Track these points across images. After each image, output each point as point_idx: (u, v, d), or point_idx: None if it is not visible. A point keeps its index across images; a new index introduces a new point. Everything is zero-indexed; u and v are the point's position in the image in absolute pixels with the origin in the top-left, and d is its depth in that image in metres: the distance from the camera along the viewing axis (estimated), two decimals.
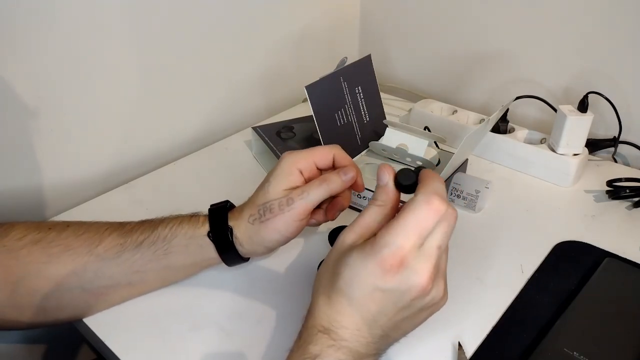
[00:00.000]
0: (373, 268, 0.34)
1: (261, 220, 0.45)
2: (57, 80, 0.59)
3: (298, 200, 0.44)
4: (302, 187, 0.45)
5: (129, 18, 0.63)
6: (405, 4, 0.89)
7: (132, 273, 0.46)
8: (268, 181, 0.46)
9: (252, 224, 0.45)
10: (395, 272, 0.34)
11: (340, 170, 0.46)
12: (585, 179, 0.68)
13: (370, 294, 0.35)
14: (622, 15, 0.67)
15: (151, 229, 0.46)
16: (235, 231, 0.46)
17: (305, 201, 0.45)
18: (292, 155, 0.47)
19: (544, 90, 0.77)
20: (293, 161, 0.46)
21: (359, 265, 0.35)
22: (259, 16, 0.79)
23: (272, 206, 0.45)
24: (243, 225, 0.46)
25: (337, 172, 0.46)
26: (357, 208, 0.61)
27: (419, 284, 0.34)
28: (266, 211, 0.45)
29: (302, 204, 0.44)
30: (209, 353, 0.44)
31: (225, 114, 0.82)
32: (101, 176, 0.69)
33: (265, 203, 0.45)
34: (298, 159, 0.47)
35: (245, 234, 0.46)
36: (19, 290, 0.44)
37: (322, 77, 0.61)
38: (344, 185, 0.46)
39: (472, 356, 0.44)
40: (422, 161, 0.61)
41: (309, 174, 0.47)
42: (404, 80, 0.96)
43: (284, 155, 0.47)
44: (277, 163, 0.47)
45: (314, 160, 0.47)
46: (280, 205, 0.45)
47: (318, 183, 0.45)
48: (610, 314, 0.46)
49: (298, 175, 0.46)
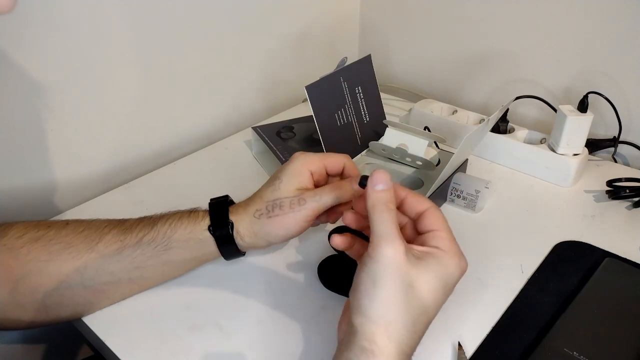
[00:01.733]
0: (453, 273, 0.38)
1: (269, 216, 0.46)
2: (57, 80, 0.59)
3: (310, 202, 0.45)
4: (315, 190, 0.46)
5: (129, 18, 0.63)
6: (405, 4, 0.89)
7: (132, 269, 0.46)
8: (279, 178, 0.47)
9: (258, 219, 0.46)
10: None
11: (352, 179, 0.47)
12: (585, 179, 0.68)
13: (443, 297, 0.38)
14: (622, 16, 0.67)
15: (150, 225, 0.46)
16: (237, 225, 0.47)
17: (317, 204, 0.45)
18: (304, 156, 0.48)
19: (544, 90, 0.77)
20: (305, 162, 0.47)
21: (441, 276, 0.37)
22: (259, 16, 0.79)
23: (283, 203, 0.46)
24: (247, 219, 0.47)
25: (349, 181, 0.47)
26: None
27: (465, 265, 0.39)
28: (275, 207, 0.46)
29: (314, 205, 0.45)
30: (208, 353, 0.44)
31: (225, 114, 0.82)
32: (101, 176, 0.69)
33: (276, 200, 0.46)
34: (310, 161, 0.48)
35: (250, 228, 0.47)
36: (20, 288, 0.44)
37: (322, 77, 0.61)
38: (354, 195, 0.47)
39: (472, 356, 0.44)
40: (422, 161, 0.61)
41: (319, 177, 0.48)
42: (404, 80, 0.96)
43: (296, 155, 0.48)
44: (289, 161, 0.48)
45: (325, 164, 0.48)
46: (292, 203, 0.45)
47: (331, 189, 0.46)
48: (610, 314, 0.46)
49: (309, 176, 0.47)
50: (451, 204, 0.63)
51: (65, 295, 0.45)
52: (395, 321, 0.35)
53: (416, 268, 0.36)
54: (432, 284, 0.36)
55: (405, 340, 0.35)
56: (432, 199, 0.58)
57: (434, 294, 0.36)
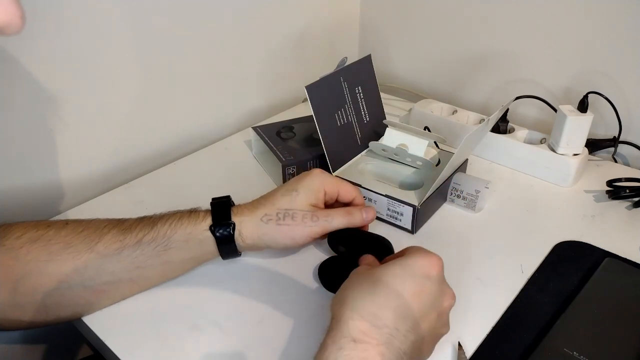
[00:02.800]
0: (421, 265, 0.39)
1: (278, 223, 0.47)
2: (57, 80, 0.59)
3: (322, 221, 0.48)
4: (328, 211, 0.49)
5: (130, 18, 0.63)
6: (405, 4, 0.89)
7: (132, 269, 0.46)
8: (296, 190, 0.49)
9: (265, 223, 0.47)
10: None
11: (363, 209, 0.51)
12: (585, 179, 0.68)
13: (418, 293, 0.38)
14: (622, 16, 0.67)
15: (150, 225, 0.47)
16: (240, 226, 0.47)
17: (328, 224, 0.49)
18: (324, 175, 0.51)
19: (544, 90, 0.77)
20: (324, 182, 0.51)
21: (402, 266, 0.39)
22: (259, 16, 0.79)
23: (296, 215, 0.48)
24: (253, 222, 0.48)
25: (359, 210, 0.51)
26: None
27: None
28: (287, 217, 0.47)
29: (325, 225, 0.48)
30: (208, 353, 0.44)
31: (225, 114, 0.82)
32: (101, 176, 0.69)
33: (288, 210, 0.48)
34: (328, 182, 0.51)
35: (254, 231, 0.48)
36: (20, 289, 0.44)
37: (322, 77, 0.61)
38: (362, 223, 0.51)
39: (472, 356, 0.44)
40: (422, 161, 0.62)
41: (329, 199, 0.52)
42: (404, 80, 0.96)
43: (316, 171, 0.51)
44: (309, 176, 0.50)
45: (339, 190, 0.52)
46: (304, 217, 0.48)
47: (343, 213, 0.50)
48: (610, 314, 0.46)
49: (323, 195, 0.50)
50: (451, 204, 0.63)
51: (65, 295, 0.45)
52: (355, 297, 0.37)
53: (380, 268, 0.39)
54: (392, 270, 0.38)
55: (366, 308, 0.36)
56: (433, 198, 0.58)
57: (394, 278, 0.38)
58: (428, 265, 0.39)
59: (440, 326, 0.40)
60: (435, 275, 0.39)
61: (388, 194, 0.57)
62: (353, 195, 0.53)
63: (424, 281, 0.38)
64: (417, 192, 0.58)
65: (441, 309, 0.39)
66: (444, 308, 0.39)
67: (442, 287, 0.40)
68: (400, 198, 0.57)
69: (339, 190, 0.52)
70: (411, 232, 0.58)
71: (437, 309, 0.39)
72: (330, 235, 0.52)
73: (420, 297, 0.37)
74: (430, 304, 0.38)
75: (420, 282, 0.38)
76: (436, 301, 0.38)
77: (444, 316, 0.40)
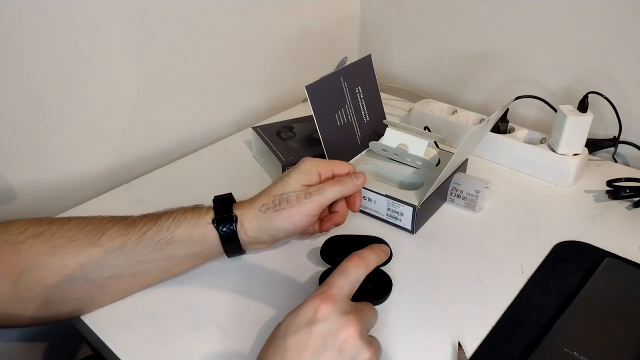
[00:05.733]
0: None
1: (275, 209, 0.48)
2: (57, 80, 0.59)
3: (315, 195, 0.48)
4: (319, 185, 0.50)
5: (129, 18, 0.63)
6: (405, 4, 0.89)
7: (135, 263, 0.46)
8: (289, 175, 0.50)
9: (264, 213, 0.48)
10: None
11: (352, 174, 0.52)
12: (585, 179, 0.68)
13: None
14: (622, 16, 0.67)
15: (154, 220, 0.47)
16: (242, 219, 0.48)
17: (321, 196, 0.48)
18: (315, 159, 0.52)
19: (544, 90, 0.77)
20: (315, 164, 0.51)
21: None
22: (259, 16, 0.79)
23: (290, 197, 0.48)
24: (252, 213, 0.48)
25: (349, 176, 0.52)
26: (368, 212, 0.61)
27: None
28: (282, 201, 0.48)
29: (319, 198, 0.48)
30: (209, 353, 0.44)
31: (225, 114, 0.82)
32: (101, 176, 0.69)
33: (283, 194, 0.48)
34: (319, 163, 0.51)
35: (255, 222, 0.48)
36: (22, 283, 0.43)
37: (322, 77, 0.61)
38: (355, 189, 0.51)
39: (472, 356, 0.44)
40: (422, 161, 0.62)
41: (325, 179, 0.52)
42: (404, 80, 0.96)
43: (305, 158, 0.52)
44: (299, 162, 0.51)
45: (333, 168, 0.52)
46: (298, 197, 0.48)
47: (333, 182, 0.50)
48: (610, 314, 0.46)
49: (317, 176, 0.51)
50: (451, 204, 0.63)
51: (67, 289, 0.45)
52: None
53: (278, 326, 0.39)
54: (282, 329, 0.38)
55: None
56: (433, 198, 0.58)
57: (281, 339, 0.37)
58: (312, 311, 0.37)
59: (353, 356, 0.37)
60: (323, 316, 0.37)
61: (388, 194, 0.58)
62: (347, 168, 0.53)
63: (310, 329, 0.36)
64: (417, 192, 0.58)
65: (340, 343, 0.36)
66: (345, 339, 0.37)
67: (339, 322, 0.37)
68: (400, 198, 0.57)
69: (332, 168, 0.52)
70: (411, 232, 0.58)
71: (336, 346, 0.36)
72: (323, 247, 0.51)
73: (306, 349, 0.36)
74: (322, 347, 0.36)
75: (304, 332, 0.36)
76: (328, 340, 0.36)
77: (349, 345, 0.37)
